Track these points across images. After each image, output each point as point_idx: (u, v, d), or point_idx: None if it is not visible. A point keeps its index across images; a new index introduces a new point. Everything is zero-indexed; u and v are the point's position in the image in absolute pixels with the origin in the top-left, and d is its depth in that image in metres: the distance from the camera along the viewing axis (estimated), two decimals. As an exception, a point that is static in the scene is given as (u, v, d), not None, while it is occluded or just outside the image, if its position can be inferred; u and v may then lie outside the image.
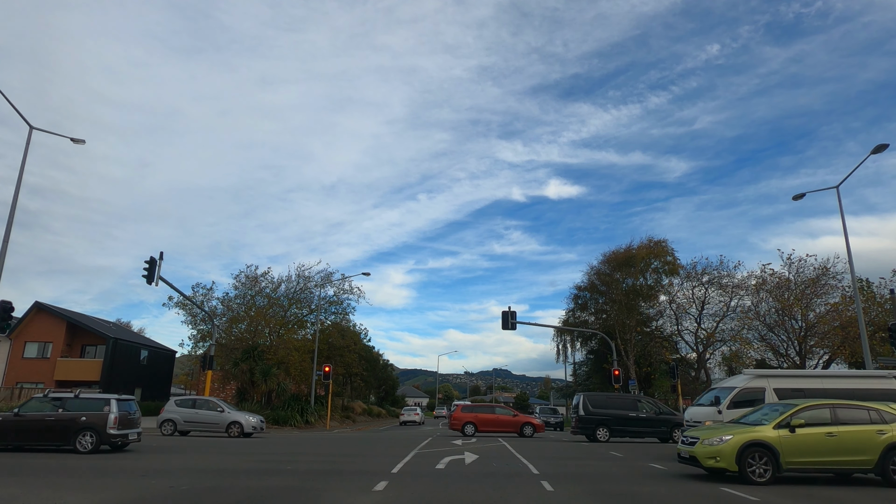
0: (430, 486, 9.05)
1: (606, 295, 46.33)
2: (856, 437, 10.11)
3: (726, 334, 41.79)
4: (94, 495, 7.57)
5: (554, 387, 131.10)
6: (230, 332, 40.38)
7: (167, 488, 8.28)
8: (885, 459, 10.00)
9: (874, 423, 10.27)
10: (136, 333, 62.76)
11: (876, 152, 22.38)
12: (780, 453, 10.01)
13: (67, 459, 12.37)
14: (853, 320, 31.48)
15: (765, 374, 15.24)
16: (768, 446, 10.05)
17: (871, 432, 10.15)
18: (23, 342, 40.79)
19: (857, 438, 10.10)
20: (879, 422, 10.30)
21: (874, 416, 10.36)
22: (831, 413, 10.40)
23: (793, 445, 10.07)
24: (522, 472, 11.28)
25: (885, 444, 10.05)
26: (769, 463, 9.98)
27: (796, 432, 10.15)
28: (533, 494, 8.39)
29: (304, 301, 43.88)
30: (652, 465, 13.64)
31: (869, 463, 10.03)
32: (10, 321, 18.85)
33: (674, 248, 45.23)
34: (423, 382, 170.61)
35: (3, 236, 18.72)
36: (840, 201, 24.93)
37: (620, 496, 8.49)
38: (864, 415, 10.40)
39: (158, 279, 22.57)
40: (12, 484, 8.47)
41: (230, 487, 8.55)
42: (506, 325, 31.73)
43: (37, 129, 20.74)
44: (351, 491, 8.37)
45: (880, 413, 10.43)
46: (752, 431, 10.25)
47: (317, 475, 10.29)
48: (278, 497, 7.74)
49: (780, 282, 38.60)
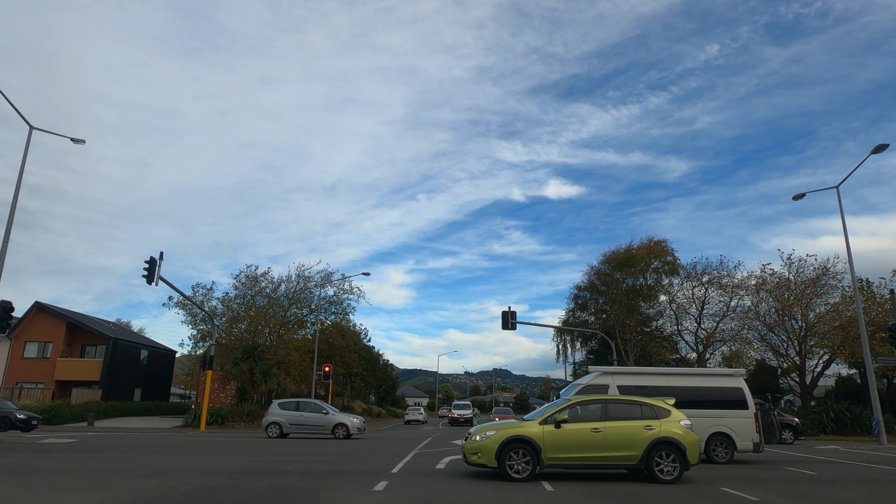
0: (430, 486, 9.05)
1: (606, 295, 46.32)
2: (622, 433, 9.96)
3: (726, 334, 41.79)
4: (94, 495, 7.56)
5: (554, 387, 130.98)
6: (230, 332, 40.36)
7: (167, 488, 8.28)
8: (649, 455, 9.85)
9: (645, 419, 10.11)
10: (136, 333, 62.75)
11: (876, 152, 22.41)
12: (542, 449, 9.82)
13: (67, 460, 12.38)
14: (853, 320, 31.48)
15: (610, 371, 15.17)
16: (530, 442, 9.85)
17: (638, 428, 10.01)
18: (23, 342, 40.78)
19: (623, 434, 9.96)
20: (651, 417, 10.15)
21: (646, 412, 10.21)
22: (602, 409, 10.26)
23: (556, 441, 9.89)
24: (522, 472, 11.26)
25: (650, 439, 9.91)
26: (530, 459, 9.79)
27: (561, 428, 9.96)
28: (533, 494, 8.39)
29: (304, 301, 43.85)
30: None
31: (633, 458, 9.87)
32: (10, 321, 18.86)
33: (674, 248, 45.25)
34: (423, 382, 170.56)
35: (3, 236, 18.72)
36: (840, 201, 24.94)
37: (620, 496, 8.49)
38: (637, 411, 10.25)
39: (158, 279, 22.56)
40: (12, 484, 8.46)
41: (230, 487, 8.55)
42: (506, 325, 31.73)
43: (37, 129, 20.74)
44: (351, 491, 8.37)
45: (654, 409, 10.30)
46: (517, 427, 10.07)
47: (317, 475, 10.29)
48: (278, 497, 7.74)
49: (780, 282, 38.60)
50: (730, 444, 14.14)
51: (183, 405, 51.69)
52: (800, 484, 10.45)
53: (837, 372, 43.90)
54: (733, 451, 14.14)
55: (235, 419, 31.66)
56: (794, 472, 12.49)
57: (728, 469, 13.02)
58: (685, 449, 9.88)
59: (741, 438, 14.18)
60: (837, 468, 13.74)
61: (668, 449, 9.91)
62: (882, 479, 11.49)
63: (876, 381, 26.79)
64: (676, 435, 9.97)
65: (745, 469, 13.13)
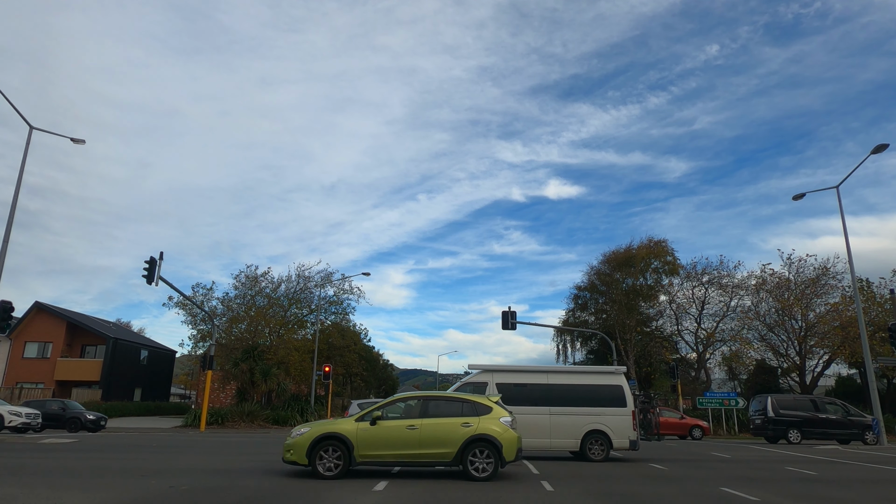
0: (429, 487, 9.05)
1: (606, 295, 46.32)
2: (437, 430, 9.84)
3: (726, 334, 41.79)
4: (94, 495, 7.56)
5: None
6: (230, 332, 40.36)
7: (167, 488, 8.28)
8: (463, 452, 9.75)
9: (465, 416, 10.01)
10: (136, 333, 62.78)
11: (876, 152, 22.40)
12: (355, 446, 9.70)
13: (67, 460, 12.37)
14: (853, 320, 31.48)
15: (490, 368, 15.11)
16: (342, 439, 9.71)
17: (455, 425, 9.89)
18: (23, 342, 40.79)
19: (439, 431, 9.83)
20: (472, 414, 10.06)
21: (467, 409, 10.12)
22: (422, 406, 10.16)
23: (370, 438, 9.77)
24: (522, 472, 11.28)
25: (466, 436, 9.79)
26: (342, 456, 9.69)
27: (377, 425, 9.85)
28: (533, 494, 8.39)
29: (304, 301, 43.86)
30: (652, 465, 13.65)
31: (448, 456, 9.76)
32: (10, 321, 18.86)
33: (674, 248, 45.25)
34: (423, 382, 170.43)
35: (3, 236, 18.73)
36: (840, 201, 24.95)
37: (621, 496, 8.49)
38: (458, 408, 10.15)
39: (158, 279, 22.56)
40: (12, 484, 8.46)
41: (230, 487, 8.55)
42: (506, 325, 31.73)
43: (37, 129, 20.74)
44: (351, 491, 8.37)
45: (475, 406, 10.19)
46: (331, 424, 9.94)
47: (317, 475, 10.28)
48: (278, 497, 7.74)
49: (780, 282, 38.61)
50: (606, 442, 14.13)
51: (183, 405, 51.73)
52: (800, 484, 10.45)
53: (837, 372, 43.90)
54: (609, 448, 14.14)
55: (235, 419, 31.67)
56: (794, 472, 12.50)
57: (728, 469, 13.03)
58: (501, 446, 9.75)
59: (618, 436, 14.18)
60: (837, 468, 13.74)
61: (484, 446, 9.79)
62: (882, 479, 11.48)
63: (876, 381, 26.79)
64: (494, 432, 9.84)
65: (746, 469, 13.13)
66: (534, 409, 14.29)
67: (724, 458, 16.57)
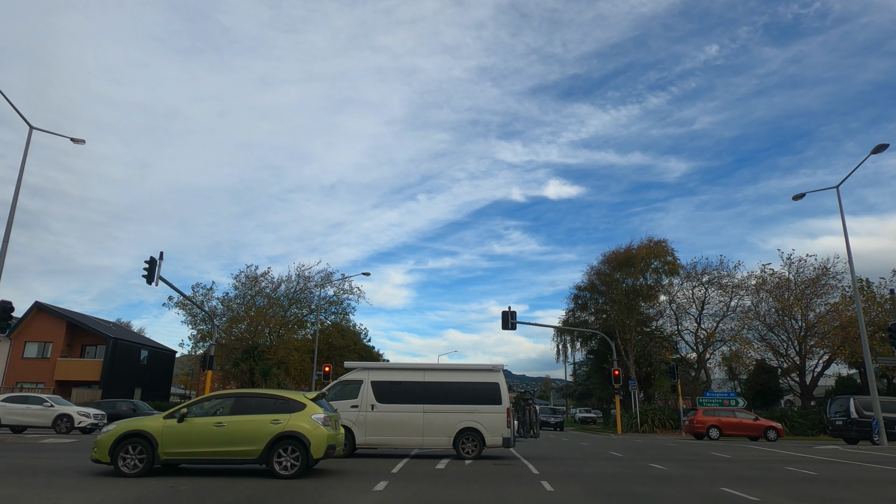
0: (429, 487, 9.05)
1: (606, 295, 46.33)
2: (245, 428, 9.69)
3: (726, 334, 41.81)
4: (94, 495, 7.57)
5: (554, 387, 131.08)
6: (230, 332, 40.39)
7: (167, 488, 8.28)
8: (270, 450, 9.61)
9: (276, 413, 9.86)
10: (136, 333, 62.77)
11: (876, 152, 22.39)
12: (160, 444, 9.53)
13: (67, 459, 12.37)
14: (853, 320, 31.49)
15: (367, 367, 15.16)
16: (146, 436, 9.54)
17: (264, 422, 9.73)
18: (23, 342, 40.79)
19: (248, 429, 9.69)
20: (284, 412, 9.89)
21: (280, 406, 9.99)
22: (235, 404, 10.01)
23: (177, 436, 9.61)
24: (522, 473, 11.29)
25: (273, 434, 9.64)
26: (145, 454, 9.49)
27: (185, 422, 9.71)
28: (533, 494, 8.39)
29: (304, 301, 43.91)
30: (652, 465, 13.65)
31: (255, 453, 9.61)
32: (10, 321, 18.85)
33: (674, 248, 45.23)
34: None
35: (3, 236, 18.72)
36: (840, 201, 24.93)
37: (620, 496, 8.49)
38: (270, 405, 9.99)
39: (158, 279, 22.56)
40: (12, 484, 8.47)
41: (230, 487, 8.55)
42: (506, 326, 31.75)
43: (37, 129, 20.74)
44: (351, 491, 8.37)
45: (289, 403, 10.05)
46: (137, 422, 9.81)
47: (317, 475, 10.29)
48: (278, 497, 7.74)
49: (780, 282, 38.63)
50: (479, 440, 14.09)
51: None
52: (800, 484, 10.45)
53: (837, 372, 43.94)
54: (482, 446, 14.10)
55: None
56: (794, 472, 12.50)
57: (728, 469, 13.03)
58: (309, 443, 9.60)
59: (491, 433, 14.14)
60: (837, 468, 13.74)
61: (291, 443, 9.64)
62: (882, 479, 11.49)
63: (876, 381, 26.80)
64: (302, 429, 9.69)
65: (746, 469, 13.14)
66: (408, 406, 14.28)
67: (724, 458, 16.57)
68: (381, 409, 14.26)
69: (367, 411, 14.24)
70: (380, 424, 14.14)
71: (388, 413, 14.23)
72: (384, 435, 14.10)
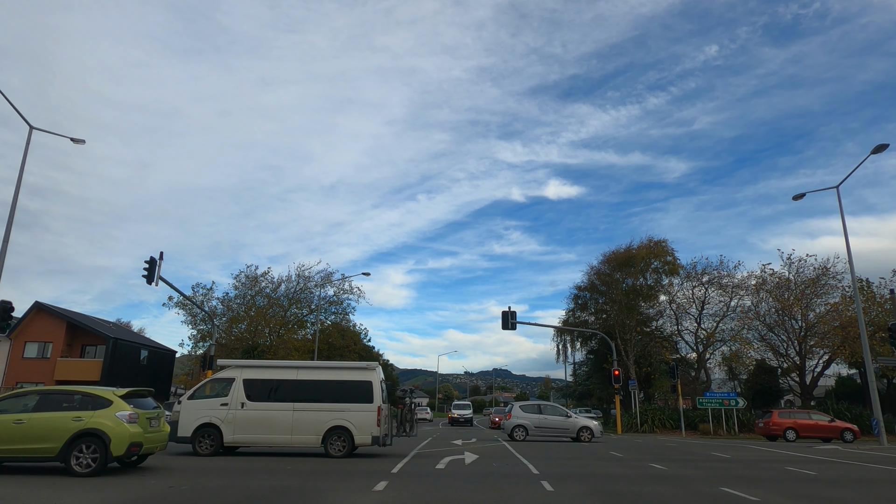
0: (429, 487, 9.05)
1: (606, 295, 46.33)
2: (45, 425, 9.51)
3: (726, 334, 41.79)
4: (94, 495, 7.57)
5: (554, 387, 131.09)
6: (230, 332, 40.40)
7: (167, 488, 8.28)
8: (69, 447, 9.42)
9: (80, 410, 9.69)
10: (136, 333, 62.73)
11: (876, 152, 22.40)
12: None
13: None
14: (853, 320, 31.48)
15: (240, 364, 15.14)
16: None
17: (65, 419, 9.55)
18: (23, 342, 40.76)
19: (47, 426, 9.51)
20: (88, 408, 9.73)
21: (85, 403, 9.82)
22: (39, 400, 9.85)
23: None
24: (522, 473, 11.29)
25: (73, 431, 9.47)
26: None
27: None
28: (533, 494, 8.39)
29: (304, 301, 43.92)
30: (652, 464, 13.65)
31: (53, 451, 9.41)
32: (10, 321, 18.84)
33: (674, 248, 45.22)
34: (423, 382, 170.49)
35: (3, 236, 18.72)
36: (840, 201, 24.94)
37: (620, 496, 8.48)
38: (75, 401, 9.85)
39: (158, 279, 22.56)
40: (12, 484, 8.47)
41: (230, 487, 8.55)
42: (506, 325, 31.75)
43: (37, 129, 20.73)
44: (351, 491, 8.37)
45: (94, 399, 9.89)
46: None
47: (317, 475, 10.29)
48: (278, 497, 7.74)
49: (780, 282, 38.61)
50: (348, 438, 14.07)
51: (183, 405, 51.58)
52: (800, 484, 10.45)
53: (837, 372, 43.95)
54: (351, 444, 14.06)
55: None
56: (794, 472, 12.50)
57: (728, 469, 13.03)
58: (110, 441, 9.49)
59: (360, 432, 14.09)
60: (837, 468, 13.74)
61: (91, 441, 9.50)
62: (882, 479, 11.49)
63: (876, 381, 26.80)
64: (104, 426, 9.56)
65: (745, 469, 13.14)
66: (279, 405, 14.22)
67: (724, 458, 16.56)
68: (250, 406, 14.19)
69: (236, 409, 14.15)
70: (249, 422, 14.06)
71: (258, 411, 14.15)
72: (252, 433, 14.03)
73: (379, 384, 14.65)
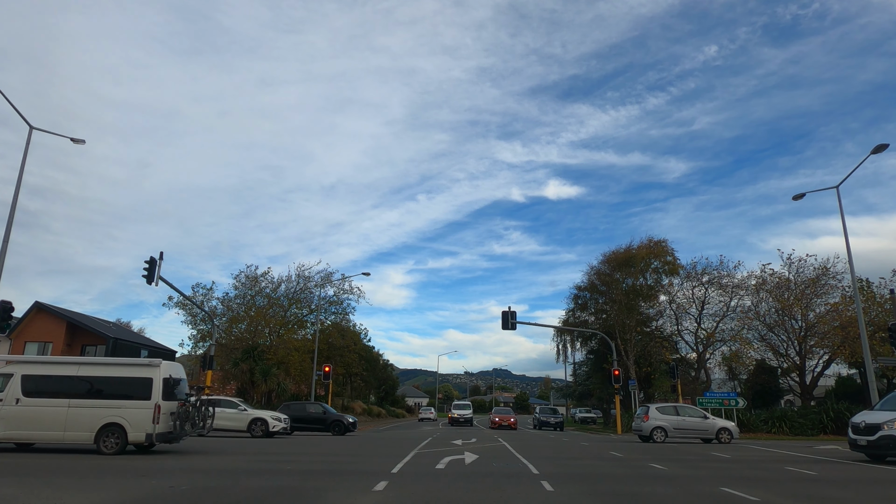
0: (430, 487, 9.05)
1: (606, 295, 46.32)
2: None
3: (726, 334, 41.78)
4: (94, 495, 7.56)
5: (554, 387, 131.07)
6: (230, 332, 40.40)
7: (167, 488, 8.28)
8: None
9: None
10: (136, 333, 62.69)
11: (876, 152, 22.38)
12: None
13: (66, 460, 12.37)
14: (853, 320, 31.47)
15: (19, 360, 15.07)
16: None
17: None
18: (23, 342, 40.75)
19: None
20: None
21: None
22: None
23: None
24: (522, 473, 11.29)
25: None
26: None
27: None
28: (533, 494, 8.39)
29: (304, 301, 43.91)
30: (652, 465, 13.65)
31: None
32: (10, 321, 18.84)
33: (674, 248, 45.18)
34: (423, 382, 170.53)
35: (3, 236, 18.72)
36: (840, 201, 24.92)
37: (621, 496, 8.48)
38: None
39: (158, 279, 22.57)
40: (12, 484, 8.46)
41: (230, 487, 8.55)
42: (506, 325, 31.76)
43: (37, 129, 20.73)
44: (351, 491, 8.37)
45: None
46: None
47: (317, 475, 10.29)
48: (278, 497, 7.74)
49: (780, 282, 38.60)
50: (121, 435, 13.88)
51: (183, 405, 51.55)
52: (800, 484, 10.45)
53: (837, 372, 43.91)
54: (125, 442, 13.88)
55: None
56: (794, 472, 12.50)
57: (728, 469, 13.03)
58: None
59: (135, 429, 13.88)
60: (837, 468, 13.74)
61: None
62: (882, 479, 11.49)
63: (876, 381, 26.78)
64: None
65: (746, 469, 13.13)
66: (54, 401, 14.03)
67: (725, 458, 16.57)
68: (25, 402, 13.99)
69: (10, 405, 13.97)
70: (22, 419, 13.88)
71: (33, 407, 13.95)
72: (25, 429, 13.87)
73: (161, 381, 14.35)
